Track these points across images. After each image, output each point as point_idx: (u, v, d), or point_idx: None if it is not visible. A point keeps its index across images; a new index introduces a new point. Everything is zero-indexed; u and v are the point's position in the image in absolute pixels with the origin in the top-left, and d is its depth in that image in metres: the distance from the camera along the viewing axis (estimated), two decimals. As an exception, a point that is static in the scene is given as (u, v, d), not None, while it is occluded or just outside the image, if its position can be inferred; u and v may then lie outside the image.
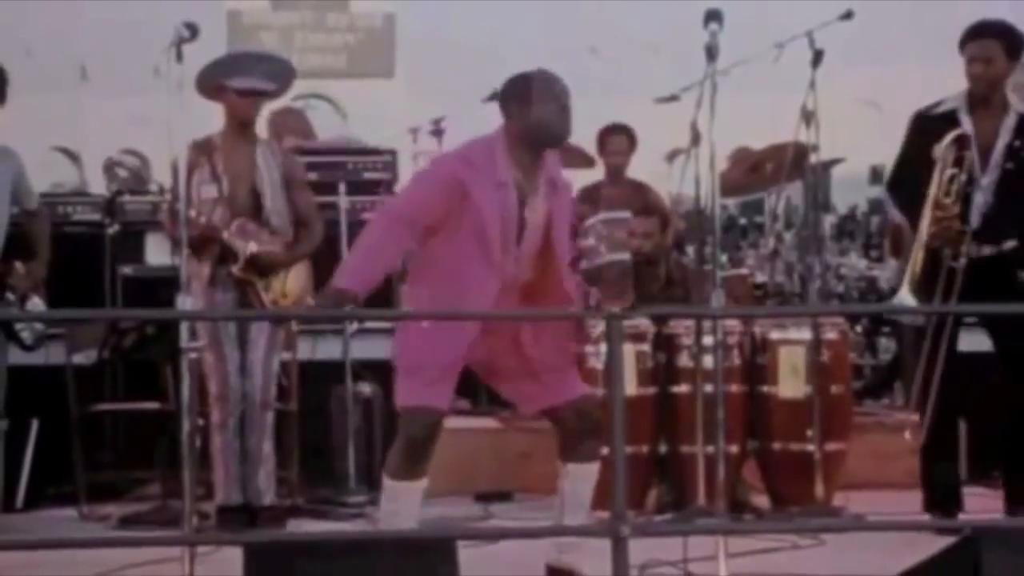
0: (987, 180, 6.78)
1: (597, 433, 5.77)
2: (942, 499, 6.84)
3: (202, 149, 7.22)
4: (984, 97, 6.80)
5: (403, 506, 5.66)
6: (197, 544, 5.88)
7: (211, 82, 7.26)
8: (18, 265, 7.16)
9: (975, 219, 6.77)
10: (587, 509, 5.87)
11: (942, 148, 6.69)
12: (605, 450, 5.63)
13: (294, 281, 7.36)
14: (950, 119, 6.81)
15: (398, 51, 11.94)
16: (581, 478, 5.80)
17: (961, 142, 6.73)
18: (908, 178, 6.86)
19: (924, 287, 6.65)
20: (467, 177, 5.59)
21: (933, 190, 6.69)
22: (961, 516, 6.77)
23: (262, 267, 7.25)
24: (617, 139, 8.91)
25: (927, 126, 6.86)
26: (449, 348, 5.61)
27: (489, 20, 6.53)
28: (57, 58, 11.09)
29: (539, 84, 5.69)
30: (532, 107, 5.64)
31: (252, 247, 7.19)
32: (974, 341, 7.14)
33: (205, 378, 7.11)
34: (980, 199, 6.78)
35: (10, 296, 7.10)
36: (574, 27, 10.98)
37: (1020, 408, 6.80)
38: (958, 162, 6.71)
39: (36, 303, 7.21)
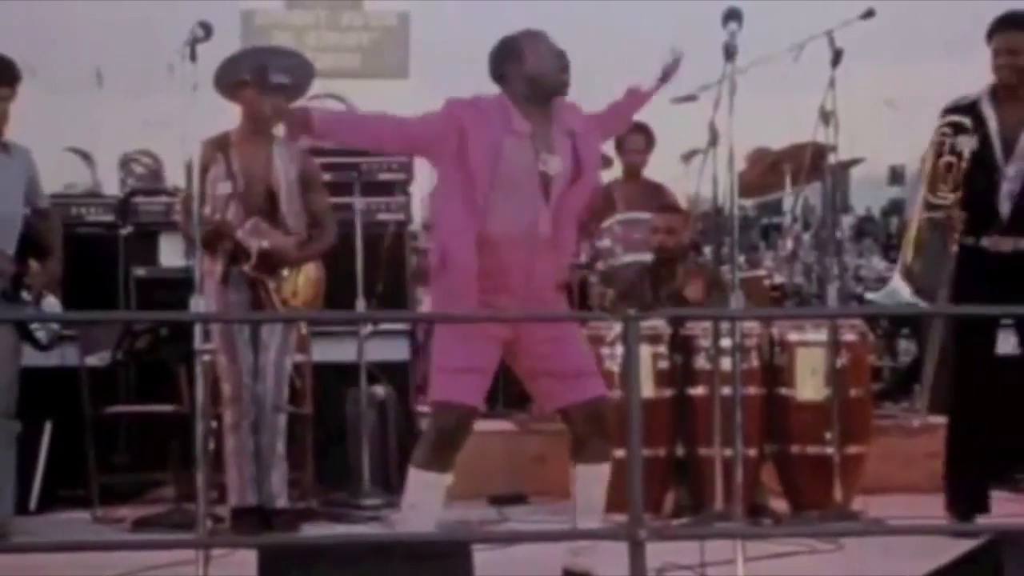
0: (1013, 170, 6.74)
1: (606, 434, 5.76)
2: (965, 501, 6.78)
3: (217, 145, 7.20)
4: (1010, 88, 6.77)
5: (426, 499, 5.65)
6: (211, 547, 5.86)
7: (229, 78, 7.24)
8: (33, 264, 7.13)
9: (1004, 209, 6.74)
10: (600, 511, 5.83)
11: (935, 131, 6.71)
12: (621, 453, 5.58)
13: (305, 280, 7.33)
14: (973, 110, 6.79)
15: (412, 51, 11.93)
16: (591, 479, 5.79)
17: (962, 130, 6.72)
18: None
19: (929, 276, 6.63)
20: (469, 119, 5.64)
21: (927, 173, 6.70)
22: (982, 519, 6.72)
23: (273, 264, 7.22)
24: (635, 138, 8.88)
25: (952, 120, 6.84)
26: (481, 342, 5.63)
27: (504, 19, 6.51)
28: (71, 58, 11.08)
29: (528, 39, 5.76)
30: (527, 61, 5.70)
31: (264, 245, 7.16)
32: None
33: (218, 380, 7.08)
34: (1007, 188, 6.75)
35: (25, 295, 7.06)
36: (591, 26, 10.95)
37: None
38: (956, 151, 6.70)
39: (51, 303, 7.18)
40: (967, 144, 6.71)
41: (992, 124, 6.75)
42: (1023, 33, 6.73)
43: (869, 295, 9.05)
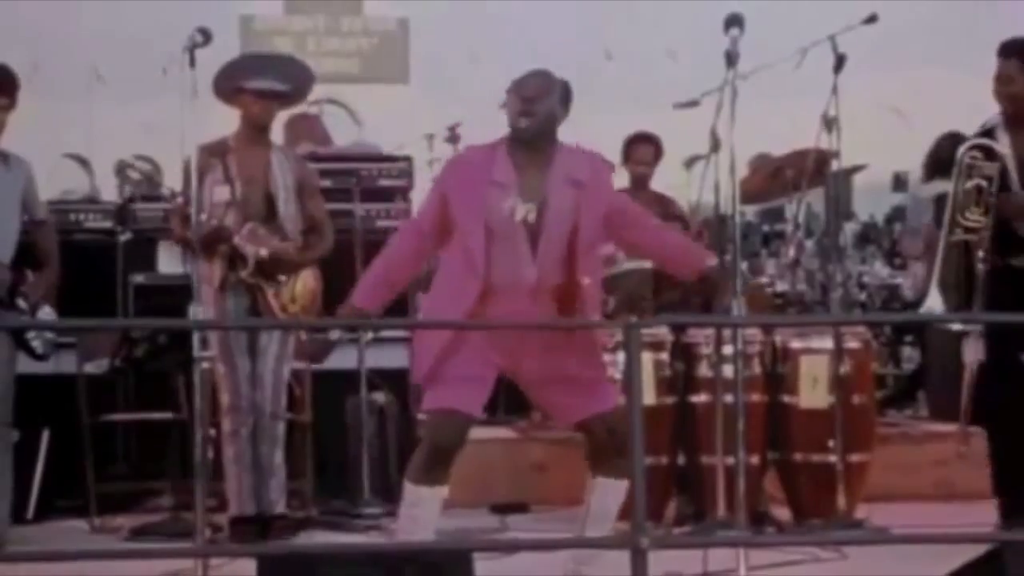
0: None
1: (625, 450, 5.71)
2: (1020, 509, 6.78)
3: (214, 151, 7.18)
4: (1016, 113, 6.84)
5: (423, 513, 5.62)
6: (210, 556, 5.86)
7: (228, 84, 7.22)
8: (30, 274, 7.10)
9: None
10: (611, 524, 5.79)
11: (960, 152, 6.76)
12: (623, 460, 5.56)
13: (303, 288, 7.30)
14: (990, 136, 6.87)
15: (412, 56, 11.93)
16: (610, 493, 5.73)
17: (984, 152, 6.76)
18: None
19: (954, 295, 6.64)
20: (450, 179, 5.67)
21: (951, 198, 6.74)
22: (986, 529, 6.69)
23: (271, 271, 7.19)
24: (643, 149, 8.84)
25: (980, 143, 6.89)
26: (476, 353, 5.59)
27: (504, 25, 6.48)
28: (68, 65, 11.07)
29: (514, 83, 5.69)
30: (507, 106, 5.66)
31: (262, 252, 7.13)
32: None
33: (217, 388, 7.05)
34: None
35: (22, 305, 7.03)
36: (591, 32, 10.93)
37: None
38: (985, 175, 6.75)
39: (47, 312, 7.15)
40: (992, 169, 6.75)
41: (1007, 150, 6.82)
42: (1014, 61, 6.80)
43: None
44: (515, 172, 5.62)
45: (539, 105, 5.62)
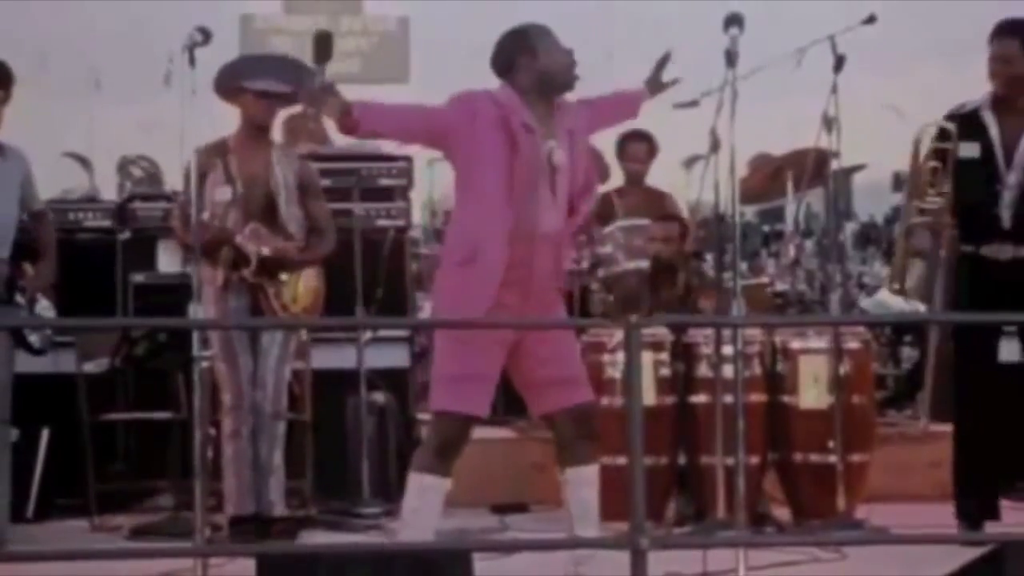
0: (1014, 178, 6.76)
1: (592, 436, 5.76)
2: (974, 509, 6.76)
3: (215, 151, 7.18)
4: (1008, 96, 6.78)
5: (427, 502, 5.64)
6: (209, 556, 5.86)
7: (229, 83, 7.22)
8: (27, 268, 7.10)
9: (1005, 217, 6.76)
10: (595, 515, 5.80)
11: (916, 134, 6.79)
12: (623, 461, 5.54)
13: (305, 288, 7.31)
14: (974, 118, 6.82)
15: (412, 55, 11.93)
16: (580, 482, 5.76)
17: (943, 134, 6.77)
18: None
19: (924, 283, 6.65)
20: (486, 110, 5.64)
21: (908, 181, 6.80)
22: (987, 529, 6.69)
23: (273, 270, 7.19)
24: (637, 146, 8.86)
25: (941, 126, 6.87)
26: (486, 354, 5.61)
27: (504, 24, 6.47)
28: (68, 64, 11.07)
29: (538, 33, 5.79)
30: (539, 55, 5.71)
31: (264, 251, 7.14)
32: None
33: (218, 387, 7.05)
34: (1008, 197, 6.76)
35: (19, 298, 7.03)
36: (591, 32, 10.92)
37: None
38: (940, 154, 6.72)
39: (45, 306, 7.15)
40: (968, 150, 6.73)
41: (993, 132, 6.78)
42: (1014, 41, 6.75)
43: (863, 303, 9.04)
44: (536, 119, 5.68)
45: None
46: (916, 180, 6.78)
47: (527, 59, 5.71)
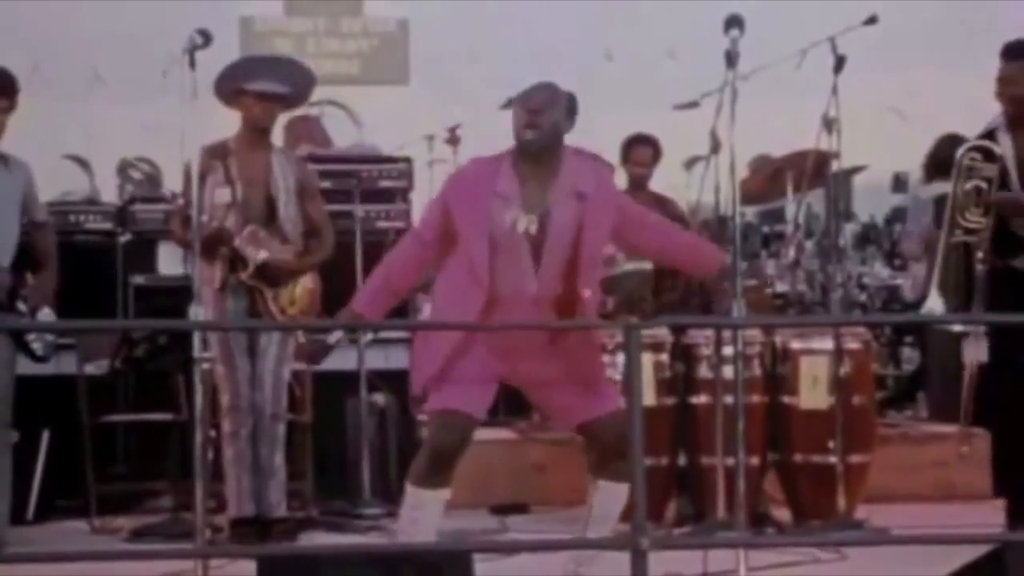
0: None
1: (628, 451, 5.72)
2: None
3: (216, 153, 7.18)
4: (1017, 116, 6.83)
5: (424, 515, 5.63)
6: (210, 557, 5.86)
7: (230, 86, 7.22)
8: (29, 277, 7.10)
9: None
10: (612, 526, 5.79)
11: (959, 154, 6.77)
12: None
13: (302, 290, 7.31)
14: (991, 138, 6.87)
15: (412, 57, 11.93)
16: (612, 496, 5.71)
17: (983, 153, 6.77)
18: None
19: (954, 296, 6.66)
20: (454, 190, 5.67)
21: (950, 200, 6.76)
22: (986, 529, 6.69)
23: (272, 275, 7.19)
24: (642, 150, 8.83)
25: (979, 145, 6.90)
26: (479, 358, 5.60)
27: (505, 26, 6.47)
28: (69, 66, 11.07)
29: (520, 93, 5.70)
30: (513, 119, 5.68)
31: (263, 255, 7.14)
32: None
33: (217, 389, 7.05)
34: None
35: (21, 307, 7.03)
36: (591, 33, 10.94)
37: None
38: (986, 177, 6.76)
39: (46, 314, 7.14)
40: (991, 170, 6.76)
41: (1008, 151, 6.81)
42: (1015, 64, 6.79)
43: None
44: (519, 184, 5.63)
45: (544, 117, 5.62)
46: (956, 201, 6.76)
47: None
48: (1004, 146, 6.81)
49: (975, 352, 7.03)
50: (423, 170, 9.34)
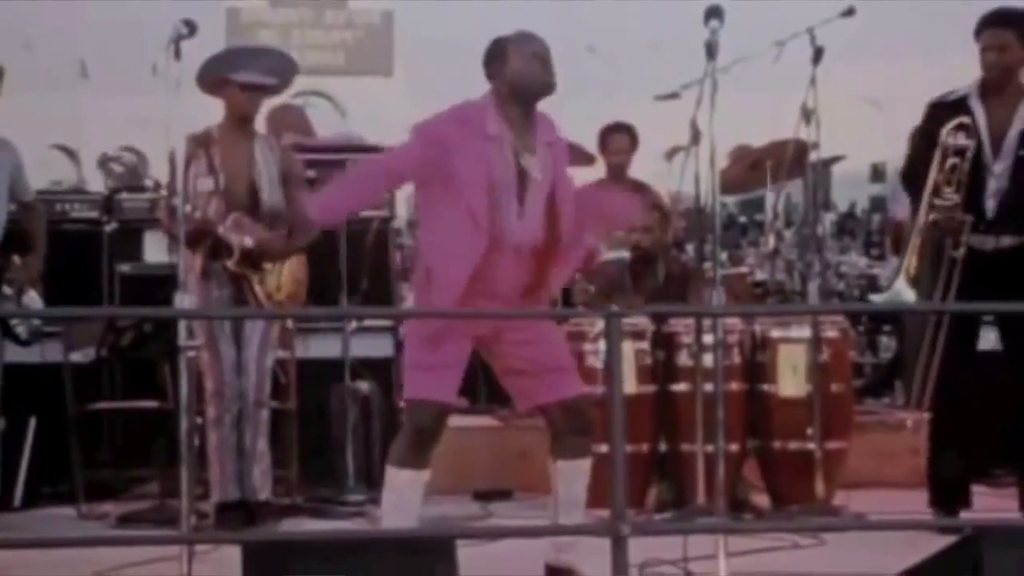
0: (1000, 167, 6.75)
1: (587, 431, 5.76)
2: (948, 496, 6.81)
3: (199, 141, 7.21)
4: (998, 84, 6.78)
5: (406, 497, 5.65)
6: (195, 543, 5.86)
7: (213, 76, 7.25)
8: (15, 259, 7.13)
9: (990, 207, 6.75)
10: (582, 506, 5.83)
11: (943, 135, 6.69)
12: (604, 448, 5.60)
13: (288, 276, 7.34)
14: (961, 106, 6.80)
15: (396, 49, 11.94)
16: (572, 475, 5.78)
17: (965, 130, 6.72)
18: (920, 168, 6.82)
19: (926, 277, 6.66)
20: (451, 134, 5.63)
21: (932, 176, 6.70)
22: (963, 515, 6.75)
23: (256, 260, 7.22)
24: (619, 138, 8.87)
25: (939, 114, 6.85)
26: (455, 343, 5.64)
27: (488, 18, 6.50)
28: (56, 55, 11.06)
29: (515, 41, 5.76)
30: (510, 63, 5.69)
31: (247, 241, 7.17)
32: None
33: (201, 375, 7.08)
34: (994, 186, 6.75)
35: (7, 290, 7.06)
36: (573, 25, 10.97)
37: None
38: (960, 151, 6.70)
39: (32, 297, 7.18)
40: (969, 144, 6.70)
41: (981, 121, 6.75)
42: (1009, 30, 6.73)
43: (873, 297, 9.04)
44: (506, 127, 5.68)
45: (553, 65, 5.75)
46: (936, 181, 6.71)
47: (498, 66, 5.71)
48: (977, 114, 6.75)
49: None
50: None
